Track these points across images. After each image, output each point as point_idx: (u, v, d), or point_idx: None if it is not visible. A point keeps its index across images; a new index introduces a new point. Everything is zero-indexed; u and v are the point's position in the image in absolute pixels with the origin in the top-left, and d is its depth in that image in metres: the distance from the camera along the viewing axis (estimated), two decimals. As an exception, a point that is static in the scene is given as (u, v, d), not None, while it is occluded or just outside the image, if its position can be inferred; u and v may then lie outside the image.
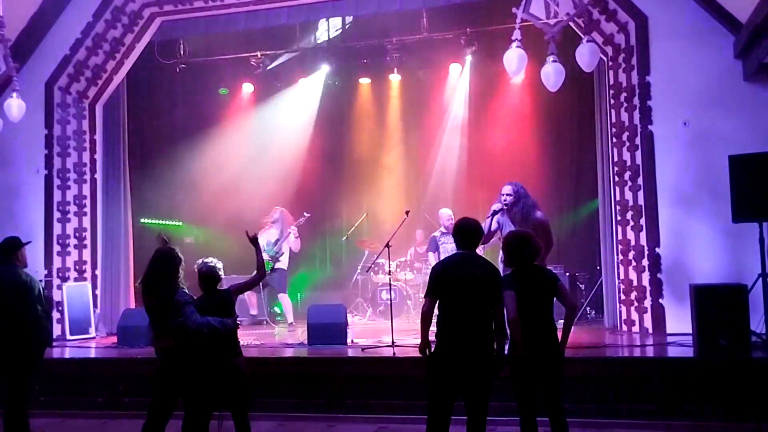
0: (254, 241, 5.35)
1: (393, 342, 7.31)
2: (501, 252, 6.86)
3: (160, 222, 11.86)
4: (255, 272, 5.36)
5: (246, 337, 8.59)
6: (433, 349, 4.52)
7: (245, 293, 9.52)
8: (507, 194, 6.88)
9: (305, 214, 9.90)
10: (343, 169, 12.48)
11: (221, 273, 5.14)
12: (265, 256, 9.43)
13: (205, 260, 5.15)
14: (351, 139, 12.50)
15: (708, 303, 6.47)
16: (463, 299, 4.40)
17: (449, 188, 11.94)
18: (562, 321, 4.74)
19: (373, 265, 10.09)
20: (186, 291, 5.06)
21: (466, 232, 4.66)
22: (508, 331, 4.68)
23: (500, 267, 6.52)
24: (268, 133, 12.54)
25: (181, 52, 11.42)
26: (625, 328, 8.21)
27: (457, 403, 4.43)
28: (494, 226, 6.95)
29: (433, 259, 9.67)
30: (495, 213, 6.90)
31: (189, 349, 4.90)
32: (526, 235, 4.93)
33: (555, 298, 4.73)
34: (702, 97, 7.87)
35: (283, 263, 9.87)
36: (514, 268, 4.76)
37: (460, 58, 11.38)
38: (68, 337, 9.11)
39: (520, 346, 4.52)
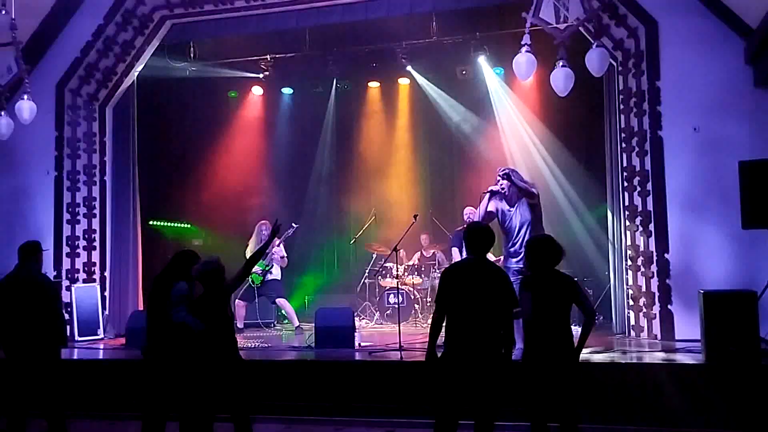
0: (275, 232, 5.33)
1: (400, 346, 7.30)
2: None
3: (169, 224, 11.91)
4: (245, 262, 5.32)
5: (253, 340, 8.63)
6: (440, 354, 4.52)
7: (236, 302, 9.54)
8: (501, 177, 7.33)
9: (293, 225, 9.85)
10: (351, 172, 12.51)
11: (221, 271, 5.04)
12: (257, 269, 9.49)
13: (205, 258, 5.15)
14: (360, 142, 12.53)
15: (717, 309, 6.44)
16: (471, 305, 4.40)
17: (458, 192, 11.94)
18: (575, 327, 4.73)
19: (380, 269, 10.08)
20: (183, 285, 5.08)
21: (476, 237, 4.66)
22: (517, 336, 4.68)
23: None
24: (276, 135, 12.58)
25: (191, 55, 11.47)
26: (633, 333, 8.18)
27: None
28: (491, 208, 7.21)
29: (457, 255, 9.64)
30: (493, 194, 7.19)
31: (174, 352, 4.95)
32: (548, 239, 4.92)
33: (573, 304, 4.71)
34: (712, 103, 7.83)
35: (275, 274, 9.89)
36: (535, 271, 4.75)
37: (469, 62, 11.39)
38: (77, 338, 9.13)
39: (534, 348, 4.51)
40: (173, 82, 11.72)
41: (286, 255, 9.96)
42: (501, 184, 7.30)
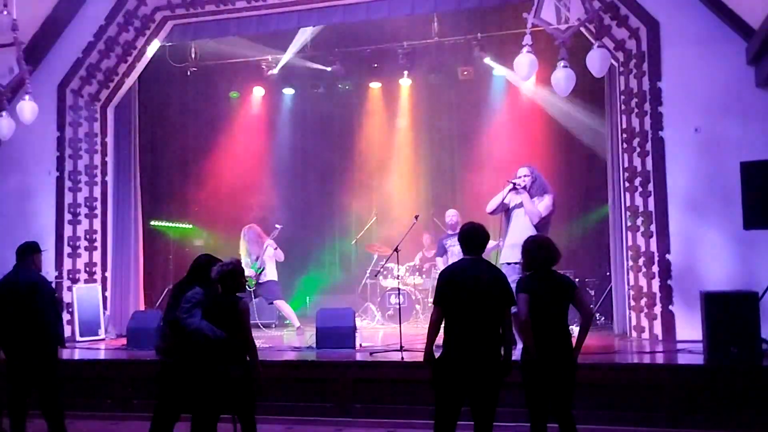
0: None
1: (401, 346, 7.30)
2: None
3: (171, 224, 11.92)
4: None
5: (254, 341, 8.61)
6: (439, 355, 4.51)
7: None
8: (525, 175, 7.30)
9: (277, 226, 9.82)
10: (352, 173, 12.50)
11: (239, 273, 5.04)
12: (251, 272, 9.47)
13: (224, 261, 5.13)
14: (361, 142, 12.52)
15: (718, 310, 6.43)
16: (470, 305, 4.39)
17: (458, 193, 11.93)
18: (573, 327, 4.72)
19: (381, 269, 10.09)
20: (199, 291, 5.07)
21: (473, 237, 4.63)
22: (516, 336, 4.68)
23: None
24: (278, 136, 12.59)
25: (193, 56, 11.47)
26: (634, 334, 8.18)
27: (465, 409, 4.43)
28: (506, 201, 7.29)
29: (441, 264, 9.66)
30: (515, 188, 7.22)
31: (187, 354, 4.94)
32: (545, 240, 4.92)
33: (570, 305, 4.71)
34: (713, 104, 7.83)
35: (271, 275, 9.82)
36: (531, 272, 4.74)
37: (470, 62, 11.38)
38: (78, 338, 9.15)
39: (531, 350, 4.51)
40: (174, 82, 11.74)
41: (277, 246, 9.83)
42: (523, 180, 7.26)
